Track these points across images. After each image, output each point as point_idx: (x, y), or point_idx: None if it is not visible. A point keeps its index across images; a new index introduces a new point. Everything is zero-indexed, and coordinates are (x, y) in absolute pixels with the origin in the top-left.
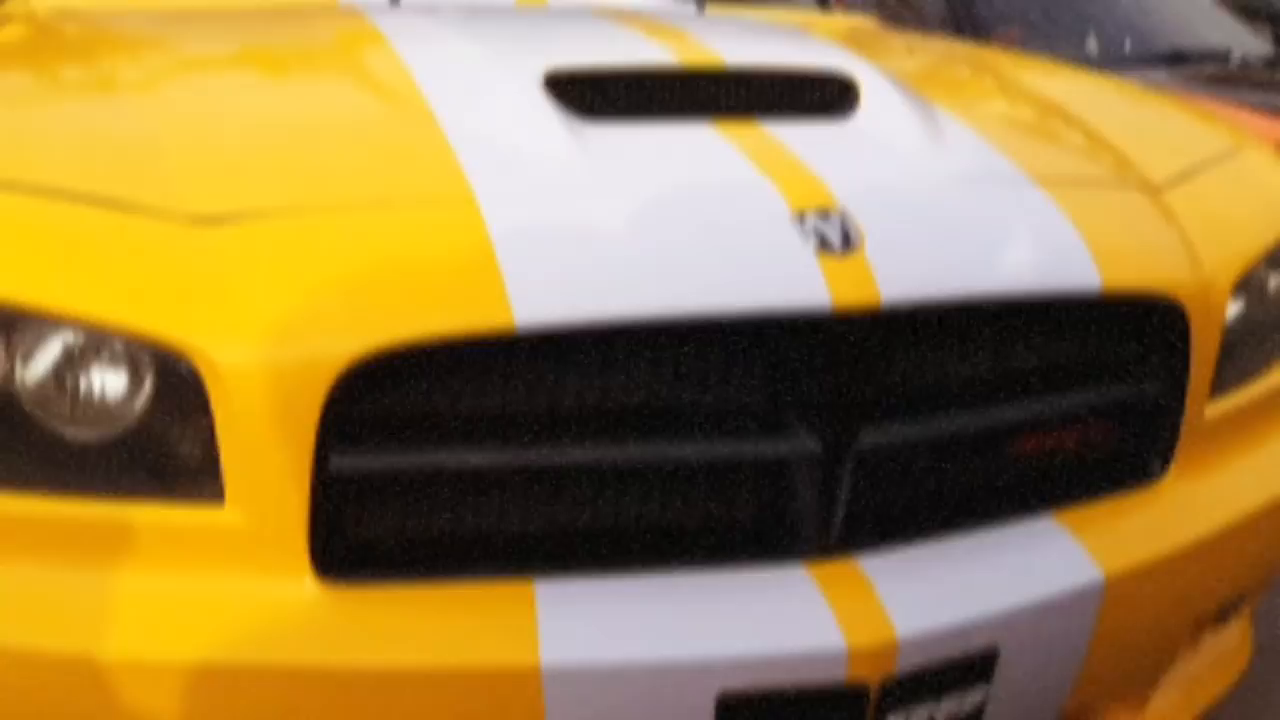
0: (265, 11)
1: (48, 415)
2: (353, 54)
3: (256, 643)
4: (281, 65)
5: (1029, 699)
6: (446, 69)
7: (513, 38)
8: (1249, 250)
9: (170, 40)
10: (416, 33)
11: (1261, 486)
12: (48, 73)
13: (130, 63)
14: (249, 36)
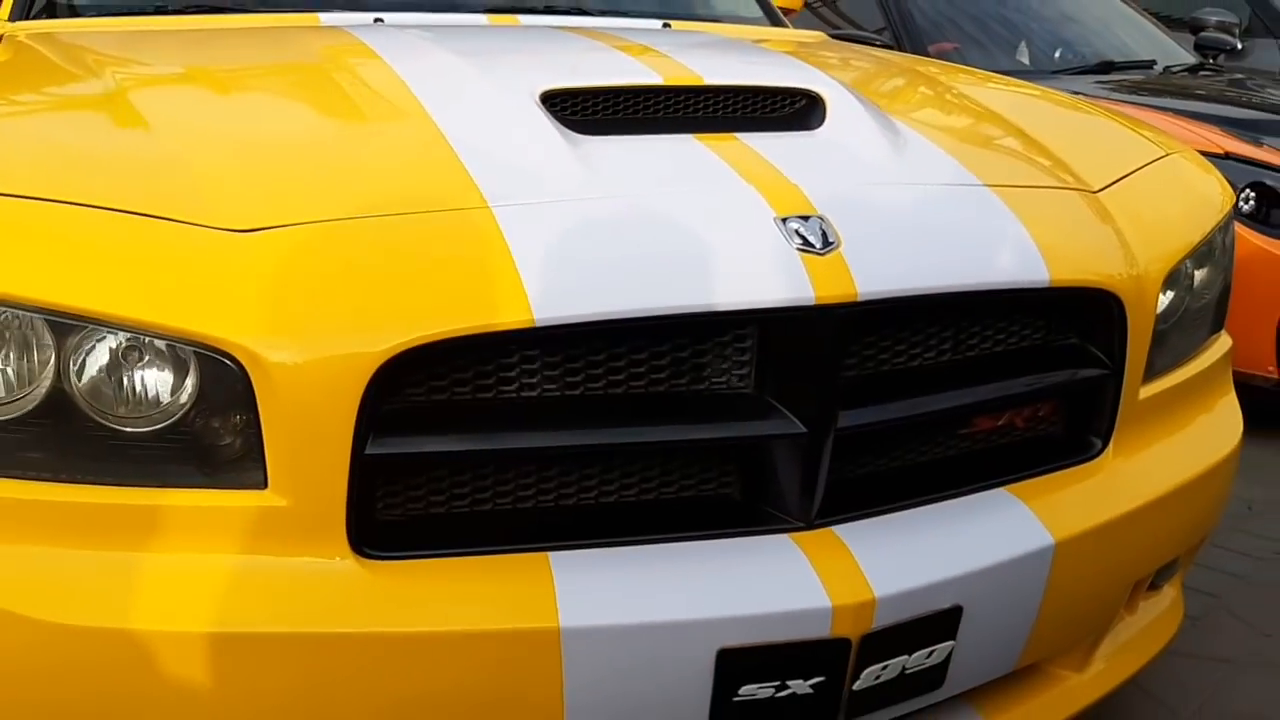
0: (250, 30)
1: (100, 412)
2: (354, 71)
3: (300, 614)
4: (287, 83)
5: (989, 652)
6: (446, 86)
7: (502, 55)
8: (1177, 248)
9: (171, 61)
10: (411, 51)
11: (1188, 462)
12: (65, 95)
13: (142, 83)
14: (247, 55)
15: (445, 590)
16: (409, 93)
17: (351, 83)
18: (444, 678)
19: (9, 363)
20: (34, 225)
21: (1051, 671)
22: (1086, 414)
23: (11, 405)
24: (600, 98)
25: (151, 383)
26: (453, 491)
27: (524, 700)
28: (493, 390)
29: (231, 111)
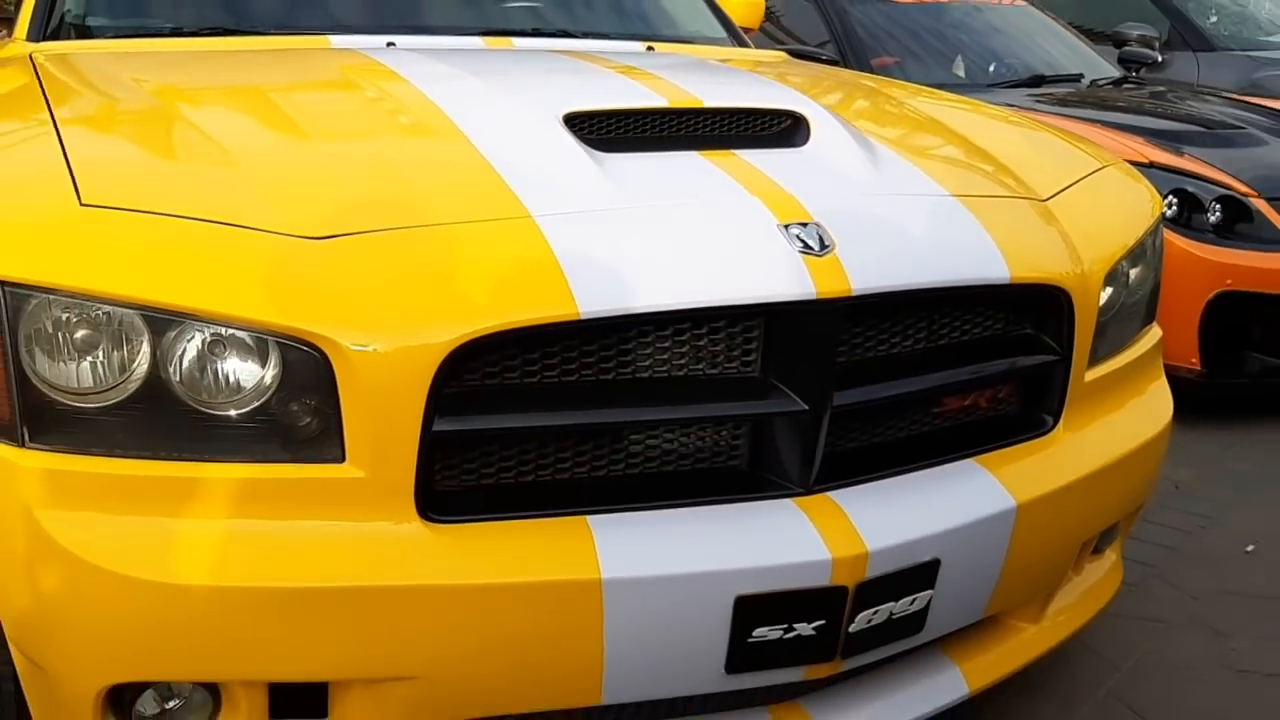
0: (272, 53)
1: (195, 396)
2: (390, 93)
3: (376, 570)
4: (332, 103)
5: (961, 601)
6: (476, 108)
7: (518, 79)
8: (1116, 249)
9: (213, 82)
10: (436, 75)
11: (1128, 437)
12: (126, 114)
13: (195, 103)
14: (282, 76)
15: (500, 548)
16: (444, 115)
17: (390, 104)
18: (501, 623)
19: (109, 354)
20: (134, 233)
21: (1011, 624)
22: (1040, 394)
23: (111, 392)
24: (615, 119)
25: (238, 371)
26: (503, 464)
27: (570, 640)
28: (539, 375)
29: (287, 130)
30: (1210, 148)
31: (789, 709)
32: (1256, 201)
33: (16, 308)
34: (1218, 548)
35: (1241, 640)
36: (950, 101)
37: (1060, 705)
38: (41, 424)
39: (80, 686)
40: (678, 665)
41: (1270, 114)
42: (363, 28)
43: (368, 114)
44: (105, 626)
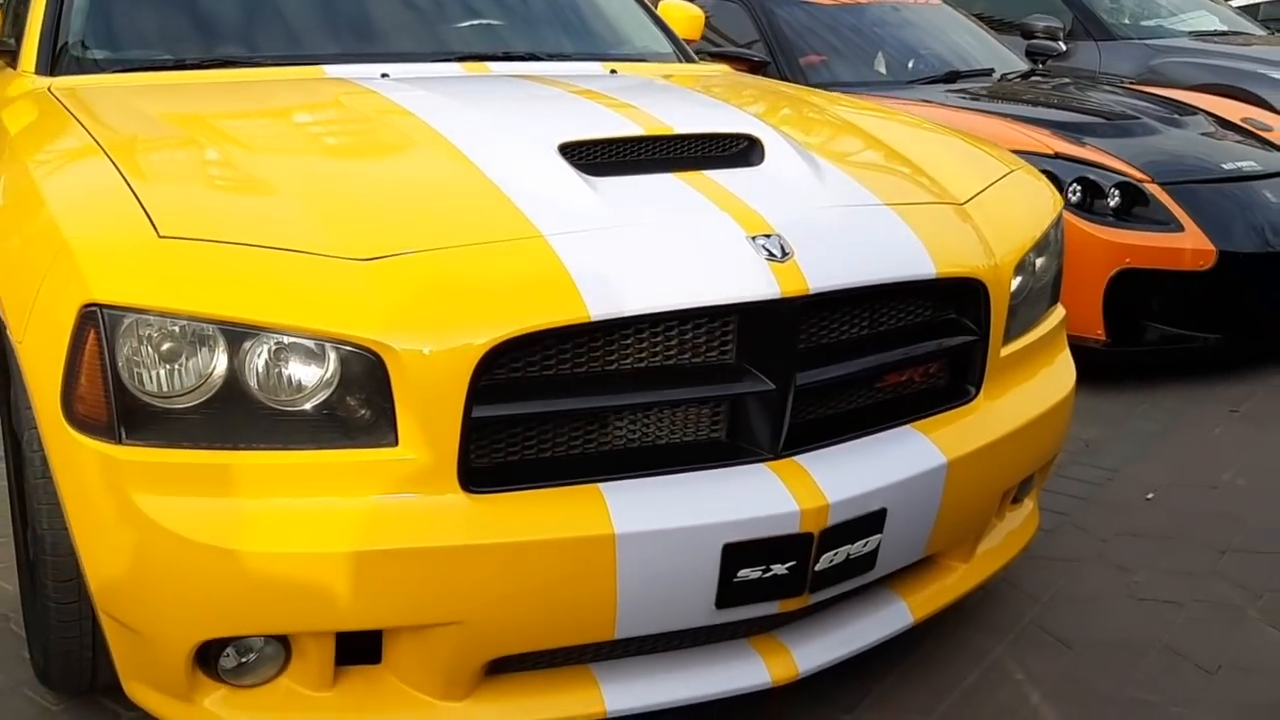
0: (270, 84)
1: (267, 395)
2: (403, 128)
3: (425, 533)
4: (351, 135)
5: (904, 542)
6: (483, 140)
7: (510, 109)
8: (1023, 243)
9: (224, 116)
10: (434, 105)
11: (1038, 401)
12: (161, 150)
13: (217, 137)
14: (297, 111)
15: (529, 512)
16: (453, 147)
17: (402, 136)
18: (531, 573)
19: (191, 363)
20: (209, 260)
21: (946, 564)
22: (964, 369)
23: (194, 394)
24: (602, 147)
25: (302, 373)
26: (527, 442)
27: (589, 586)
28: (556, 367)
29: (314, 161)
30: (1109, 138)
31: (766, 640)
32: (1151, 187)
33: (112, 327)
34: (1122, 497)
35: (1142, 574)
36: (875, 111)
37: (989, 632)
38: (135, 423)
39: (173, 645)
40: (677, 603)
41: (1164, 103)
42: (351, 58)
43: (383, 145)
44: (195, 592)
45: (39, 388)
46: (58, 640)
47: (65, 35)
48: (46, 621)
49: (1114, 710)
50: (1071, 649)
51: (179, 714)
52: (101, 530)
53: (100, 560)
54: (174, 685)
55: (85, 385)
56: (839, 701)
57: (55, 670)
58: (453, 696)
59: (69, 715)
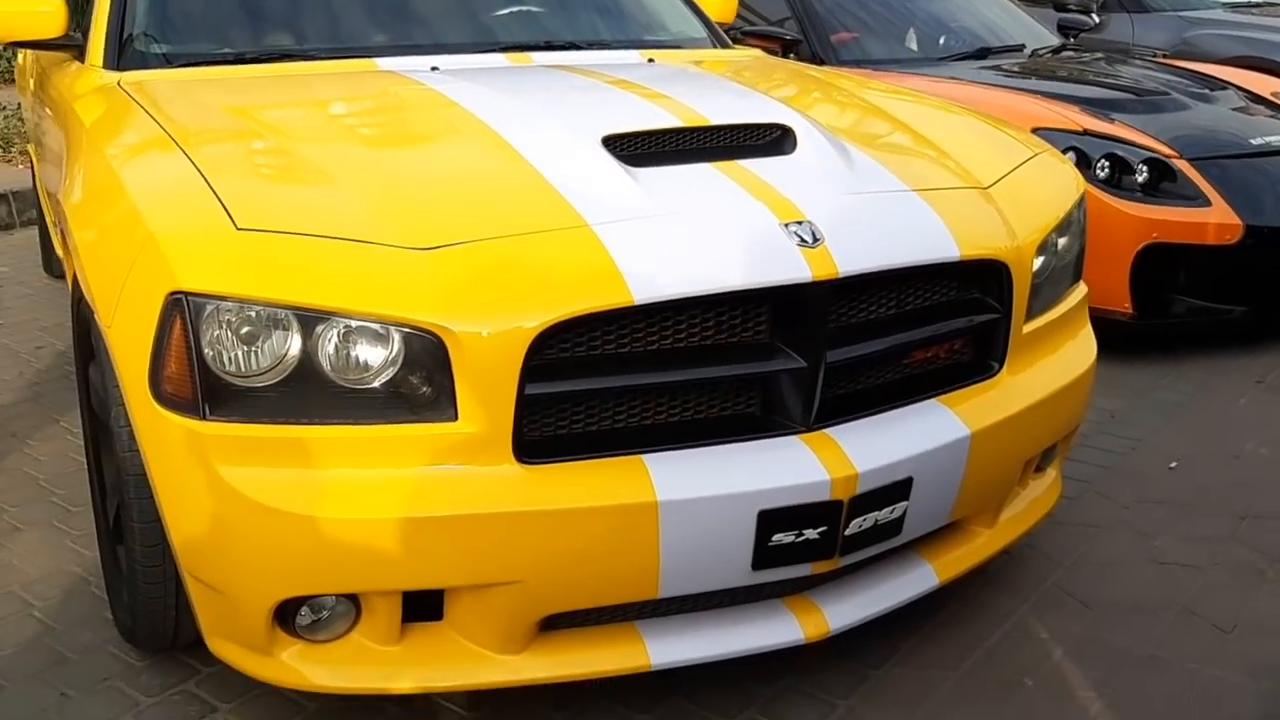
0: (326, 77)
1: (337, 375)
2: (454, 120)
3: (483, 500)
4: (406, 129)
5: (929, 510)
6: (527, 132)
7: (555, 102)
8: (1045, 224)
9: (286, 109)
10: (482, 99)
11: (1059, 376)
12: (230, 143)
13: (282, 130)
14: (354, 103)
15: (578, 481)
16: (502, 139)
17: (452, 129)
18: (581, 537)
19: (268, 345)
20: (283, 251)
21: (970, 529)
22: (987, 345)
23: (270, 374)
24: (642, 138)
25: (370, 354)
26: (575, 417)
27: (634, 549)
28: (601, 348)
29: (373, 153)
30: (1138, 114)
31: (799, 600)
32: (1178, 162)
33: (197, 313)
34: (1145, 466)
35: (1162, 540)
36: (902, 95)
37: (1012, 594)
38: (218, 401)
39: (255, 604)
40: (716, 566)
41: (1194, 78)
42: (401, 50)
43: (437, 138)
44: (274, 555)
45: (127, 368)
46: (144, 601)
47: (129, 30)
48: (134, 584)
49: (1131, 667)
50: (1091, 610)
51: (259, 667)
52: (188, 499)
53: (186, 526)
54: (254, 641)
55: (172, 366)
56: (868, 659)
57: (141, 629)
58: (509, 650)
59: (152, 671)
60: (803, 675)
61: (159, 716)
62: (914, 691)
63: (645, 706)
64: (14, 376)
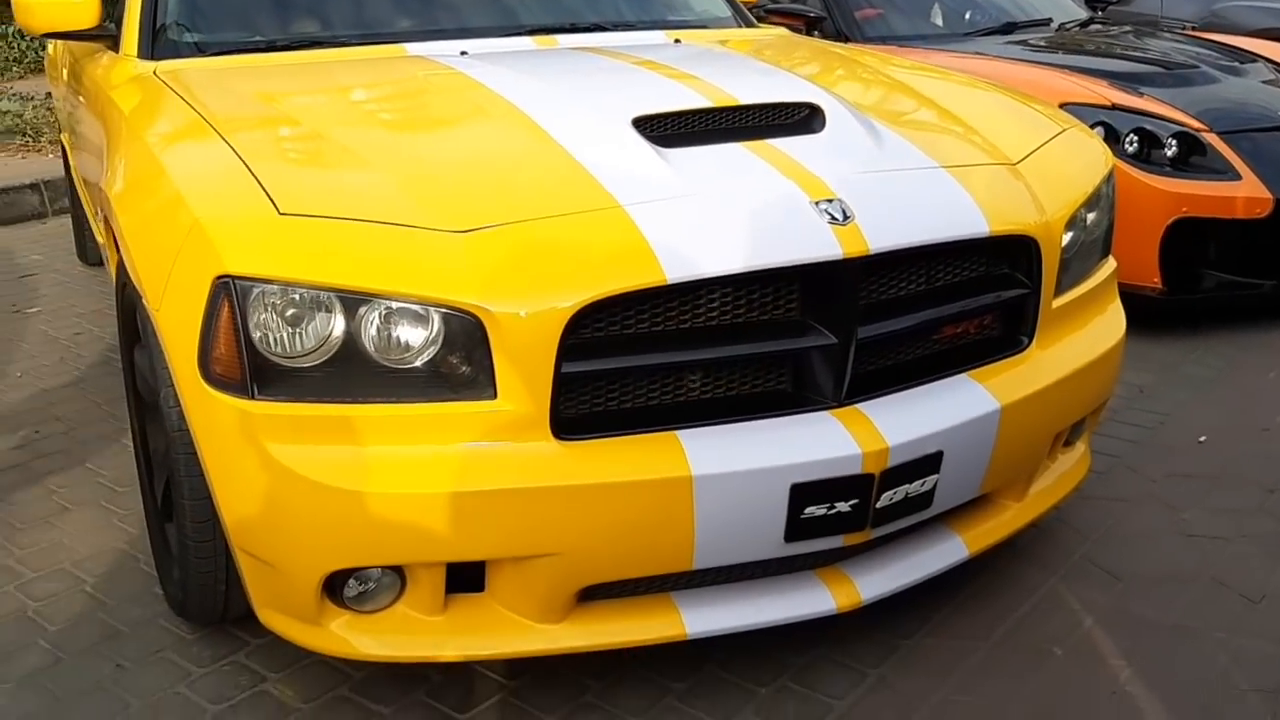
0: (357, 63)
1: (381, 355)
2: (485, 104)
3: (523, 475)
4: (440, 114)
5: (960, 483)
6: (558, 115)
7: (583, 84)
8: (1074, 200)
9: (320, 96)
10: (511, 82)
11: (1087, 350)
12: (268, 130)
13: (318, 116)
14: (388, 89)
15: (614, 457)
16: (534, 122)
17: (484, 112)
18: (618, 511)
19: (313, 327)
20: (325, 235)
21: (1000, 502)
22: (1017, 320)
23: (316, 354)
24: (672, 119)
25: (411, 335)
26: (609, 394)
27: (669, 522)
28: (635, 326)
29: (408, 138)
30: (1167, 88)
31: (831, 571)
32: (1208, 136)
33: (244, 296)
34: (1174, 440)
35: (1191, 513)
36: (928, 72)
37: (1041, 567)
38: (265, 381)
39: (304, 576)
40: (749, 538)
41: (1223, 51)
42: (429, 35)
43: (469, 122)
44: (323, 528)
45: (176, 350)
46: (195, 576)
47: (161, 20)
48: (185, 559)
49: (1160, 636)
50: (1120, 581)
51: (308, 637)
52: (238, 476)
53: (237, 502)
54: (304, 612)
55: (221, 348)
56: (899, 629)
57: (193, 602)
58: (548, 620)
59: (203, 643)
60: (835, 645)
61: (211, 685)
62: (945, 661)
63: (680, 676)
64: (55, 362)
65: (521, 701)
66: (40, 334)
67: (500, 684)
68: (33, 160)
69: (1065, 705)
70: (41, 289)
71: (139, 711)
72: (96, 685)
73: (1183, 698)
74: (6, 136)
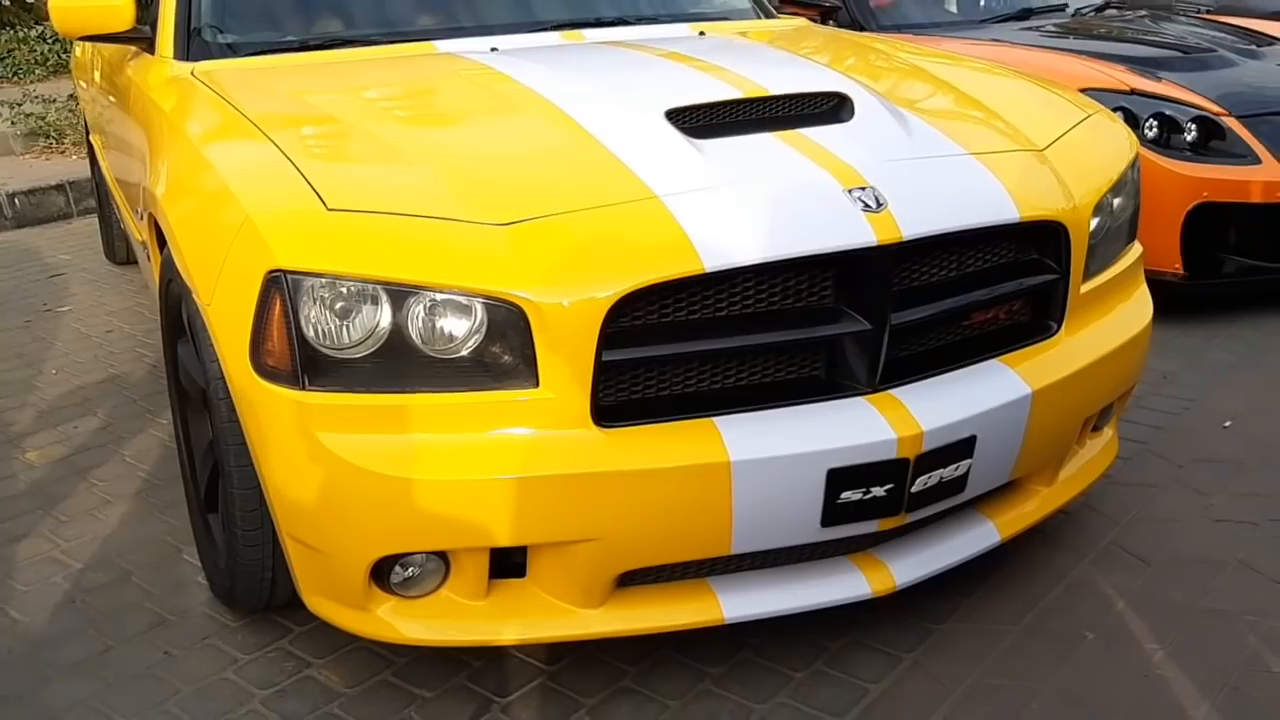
0: (389, 61)
1: (426, 345)
2: (521, 99)
3: (564, 462)
4: (475, 109)
5: (992, 467)
6: (595, 110)
7: (615, 78)
8: (1101, 185)
9: (356, 94)
10: (543, 77)
11: (1116, 335)
12: (309, 128)
13: (356, 114)
14: (425, 87)
15: (654, 443)
16: (568, 116)
17: (518, 107)
18: (658, 496)
19: (361, 319)
20: (372, 229)
21: (1030, 488)
22: (1046, 306)
23: (364, 345)
24: (704, 111)
25: (456, 326)
26: (648, 382)
27: (708, 507)
28: (673, 314)
29: (447, 133)
30: (1185, 72)
31: (865, 556)
32: (1228, 120)
33: (295, 289)
34: (1200, 425)
35: (1219, 497)
36: (951, 60)
37: (1070, 552)
38: (316, 371)
39: (353, 562)
40: (786, 522)
41: (1241, 34)
42: (457, 32)
43: (505, 116)
44: (372, 515)
45: (227, 343)
46: (243, 563)
47: (195, 22)
48: (233, 547)
49: (1190, 620)
50: (1150, 565)
51: (355, 622)
52: (289, 464)
53: (287, 490)
54: (352, 597)
55: (273, 340)
56: (931, 614)
57: (240, 589)
58: (589, 605)
59: (247, 630)
60: (868, 631)
61: (258, 671)
62: (977, 646)
63: (716, 661)
64: (89, 360)
65: (560, 686)
66: (73, 332)
67: (539, 669)
68: (56, 162)
69: (1098, 689)
70: (71, 288)
71: (189, 696)
72: (147, 671)
73: (1214, 680)
74: (30, 139)
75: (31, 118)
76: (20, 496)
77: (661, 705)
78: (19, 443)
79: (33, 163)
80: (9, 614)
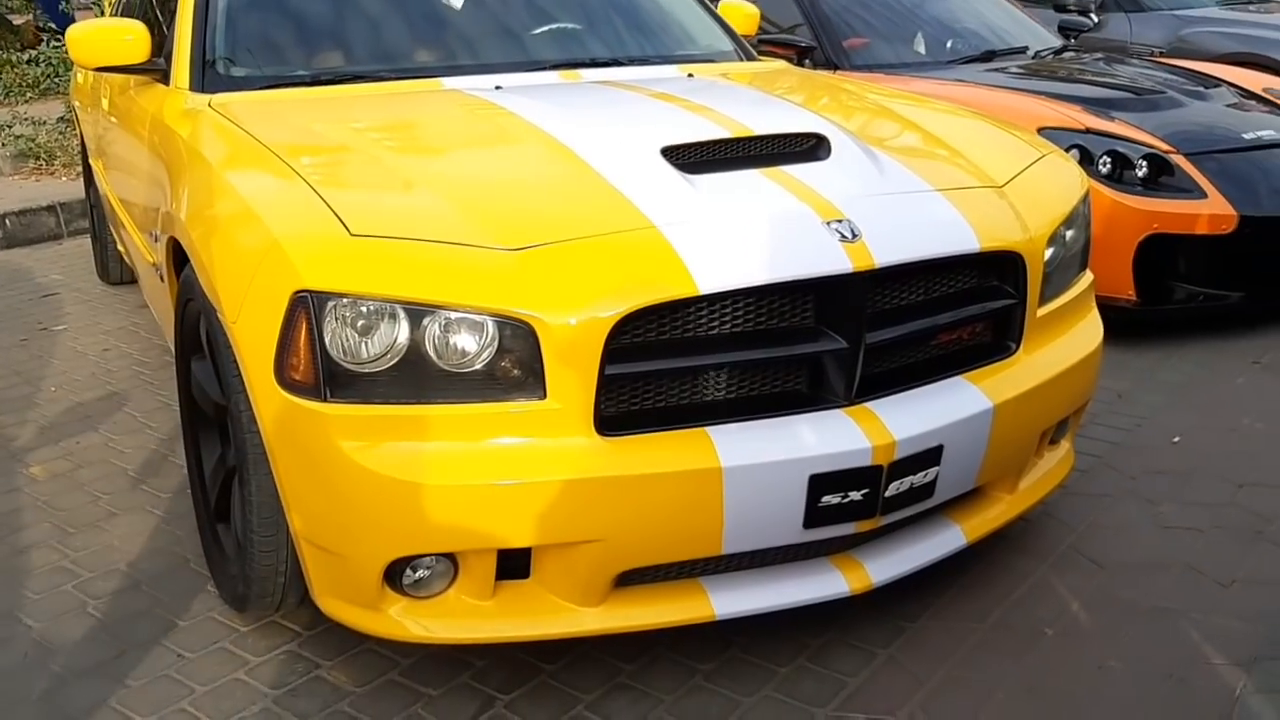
0: (398, 96)
1: (442, 360)
2: (526, 135)
3: (569, 468)
4: (483, 143)
5: (958, 474)
6: (593, 145)
7: (613, 116)
8: (1055, 219)
9: (370, 127)
10: (546, 113)
11: (1069, 354)
12: (328, 158)
13: (373, 146)
14: (434, 122)
15: (651, 450)
16: (571, 152)
17: (528, 142)
18: (655, 499)
19: (381, 335)
20: (393, 253)
21: (993, 494)
22: (1005, 328)
23: (383, 360)
24: (696, 149)
25: (469, 342)
26: (646, 394)
27: (701, 510)
28: (669, 333)
29: (462, 167)
30: (1137, 112)
31: (844, 557)
32: (1176, 157)
33: (319, 308)
34: (1150, 440)
35: (1167, 506)
36: (920, 103)
37: (1031, 556)
38: (337, 384)
39: (368, 564)
40: (772, 524)
41: (1189, 76)
42: (461, 70)
43: (511, 150)
44: (388, 518)
45: (252, 359)
46: (258, 568)
47: (209, 55)
48: (249, 553)
49: (1141, 618)
50: (1104, 569)
51: (368, 622)
52: (311, 472)
53: (309, 497)
54: (366, 598)
55: (299, 355)
56: (904, 613)
57: (253, 593)
58: (589, 604)
59: (257, 635)
60: (846, 629)
61: (269, 672)
62: (947, 642)
63: (706, 658)
64: (87, 377)
65: (560, 683)
66: (70, 350)
67: (539, 667)
68: (46, 183)
69: (1056, 680)
70: (65, 307)
71: (203, 696)
72: (161, 674)
73: (1161, 671)
74: (20, 160)
75: (21, 139)
76: (26, 509)
77: (656, 700)
78: (22, 457)
79: (22, 184)
80: (23, 620)
